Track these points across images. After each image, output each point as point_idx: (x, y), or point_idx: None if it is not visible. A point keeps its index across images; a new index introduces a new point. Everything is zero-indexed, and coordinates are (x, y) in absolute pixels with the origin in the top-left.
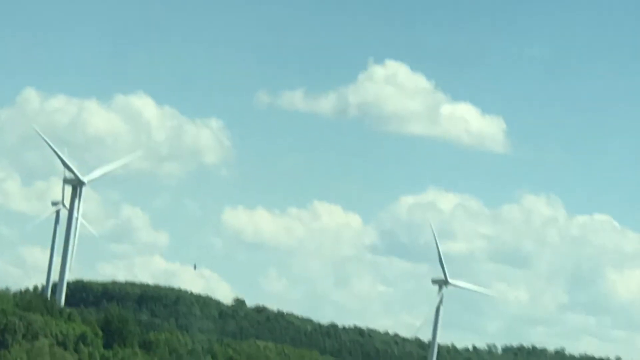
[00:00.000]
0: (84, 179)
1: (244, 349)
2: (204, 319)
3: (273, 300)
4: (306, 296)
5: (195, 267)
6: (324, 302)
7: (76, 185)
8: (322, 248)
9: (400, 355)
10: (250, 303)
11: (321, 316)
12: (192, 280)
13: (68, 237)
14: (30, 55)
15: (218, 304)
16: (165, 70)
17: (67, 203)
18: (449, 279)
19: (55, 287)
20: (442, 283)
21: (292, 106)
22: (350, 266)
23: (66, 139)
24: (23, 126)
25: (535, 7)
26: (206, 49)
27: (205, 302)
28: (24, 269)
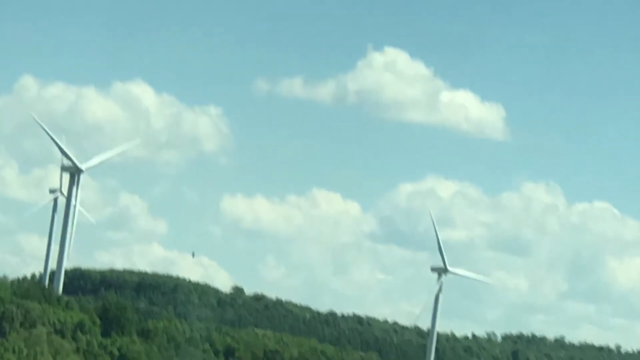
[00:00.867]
0: (82, 166)
1: (242, 337)
2: (203, 307)
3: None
4: (305, 284)
5: (193, 255)
6: (322, 290)
7: (74, 172)
8: (321, 236)
9: (400, 344)
10: (248, 291)
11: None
12: (190, 268)
13: (66, 224)
14: (28, 43)
15: (216, 292)
16: (164, 58)
17: (65, 191)
18: (449, 267)
19: (53, 275)
20: (441, 271)
21: (291, 94)
22: (349, 254)
23: (64, 127)
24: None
25: None
26: (205, 37)
27: (203, 290)
28: (21, 256)
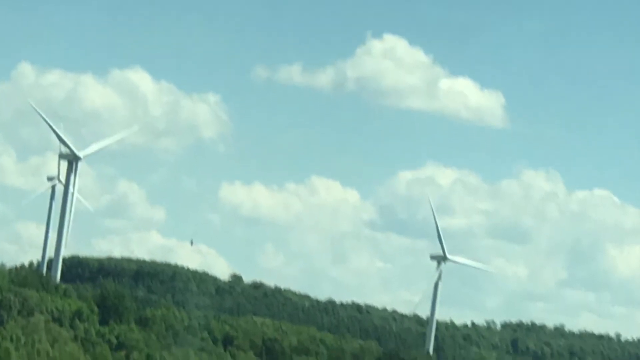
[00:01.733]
0: (80, 154)
1: (241, 325)
2: (201, 295)
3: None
4: (304, 272)
5: (192, 243)
6: (321, 278)
7: (72, 160)
8: (319, 224)
9: (399, 332)
10: (247, 279)
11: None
12: (188, 256)
13: (64, 212)
14: (26, 30)
15: (215, 279)
16: (162, 45)
17: (62, 178)
18: (448, 255)
19: (51, 263)
20: (440, 259)
21: (290, 80)
22: (348, 242)
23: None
24: (18, 101)
25: None
26: (203, 24)
27: (202, 278)
28: (19, 244)
